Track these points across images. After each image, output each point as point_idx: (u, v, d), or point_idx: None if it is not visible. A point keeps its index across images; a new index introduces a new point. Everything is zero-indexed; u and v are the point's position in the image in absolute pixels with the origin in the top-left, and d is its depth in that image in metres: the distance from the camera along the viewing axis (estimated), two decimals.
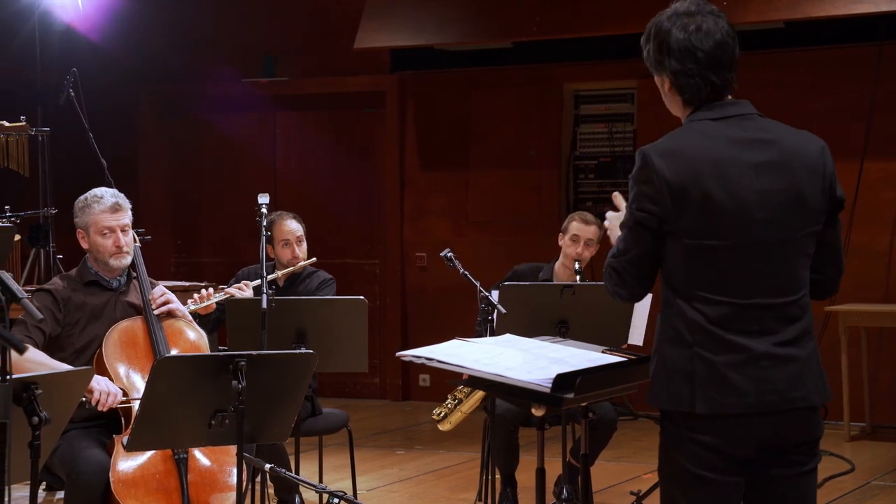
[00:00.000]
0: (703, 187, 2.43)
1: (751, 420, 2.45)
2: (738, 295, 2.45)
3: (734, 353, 2.44)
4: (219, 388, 3.23)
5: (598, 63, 7.94)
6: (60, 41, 8.05)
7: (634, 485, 5.24)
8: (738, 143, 2.48)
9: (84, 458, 3.68)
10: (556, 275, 5.17)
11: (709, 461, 2.46)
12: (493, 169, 8.23)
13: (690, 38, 2.52)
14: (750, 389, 2.43)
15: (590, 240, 5.09)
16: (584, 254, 5.08)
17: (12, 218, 6.06)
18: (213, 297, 4.52)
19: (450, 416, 4.88)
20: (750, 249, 2.46)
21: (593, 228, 5.10)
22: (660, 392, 2.51)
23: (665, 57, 2.55)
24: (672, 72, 2.54)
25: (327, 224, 8.60)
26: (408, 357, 2.86)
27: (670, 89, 2.57)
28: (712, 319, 2.45)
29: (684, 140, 2.49)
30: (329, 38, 8.56)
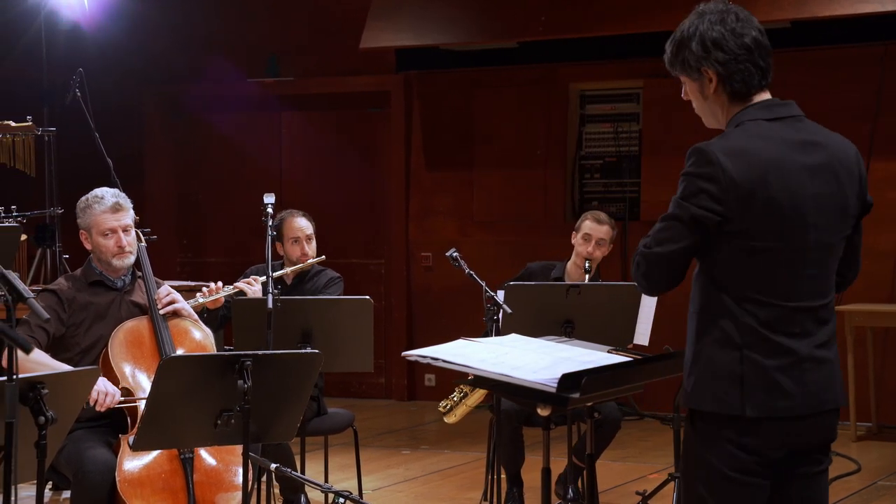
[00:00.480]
0: (767, 189, 2.44)
1: (793, 423, 2.46)
2: (786, 297, 2.46)
3: (782, 355, 2.45)
4: (225, 387, 3.24)
5: (604, 63, 7.94)
6: (66, 41, 8.06)
7: (640, 485, 5.24)
8: (793, 145, 2.49)
9: (90, 458, 3.69)
10: (568, 273, 5.17)
11: (744, 464, 2.46)
12: (498, 169, 8.23)
13: (734, 28, 2.54)
14: (795, 392, 2.45)
15: (601, 239, 5.08)
16: (595, 253, 5.07)
17: (19, 218, 6.07)
18: (223, 290, 4.53)
19: (455, 409, 4.89)
20: (801, 253, 2.47)
21: (606, 228, 5.10)
22: (703, 393, 2.47)
23: (710, 51, 2.53)
24: (720, 62, 2.53)
25: (332, 224, 8.60)
26: (413, 357, 2.86)
27: (717, 85, 2.55)
28: (763, 321, 2.45)
29: (746, 140, 2.47)
30: (334, 38, 8.56)
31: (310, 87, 8.71)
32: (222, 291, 4.52)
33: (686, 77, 2.60)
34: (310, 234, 5.04)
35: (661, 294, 2.63)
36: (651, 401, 7.48)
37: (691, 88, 2.61)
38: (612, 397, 4.00)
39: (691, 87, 2.61)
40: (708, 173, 2.44)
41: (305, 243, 5.00)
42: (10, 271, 2.76)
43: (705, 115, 2.63)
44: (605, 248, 5.11)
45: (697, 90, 2.60)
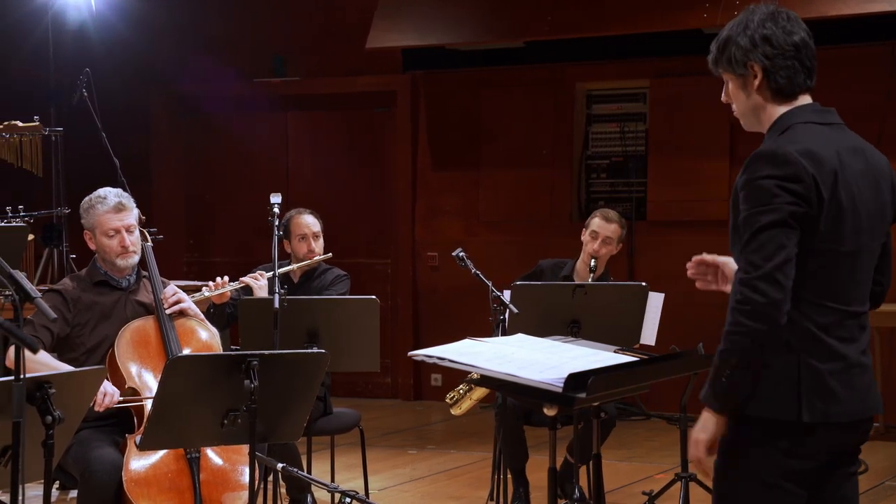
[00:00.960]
0: (836, 192, 2.43)
1: (841, 429, 2.45)
2: (843, 302, 2.46)
3: (836, 360, 2.43)
4: (231, 387, 3.24)
5: (611, 62, 7.93)
6: (73, 41, 8.07)
7: (646, 485, 5.24)
8: (846, 150, 2.50)
9: (97, 458, 3.69)
10: (577, 272, 5.18)
11: (790, 473, 2.44)
12: (504, 168, 8.23)
13: (784, 26, 2.54)
14: (845, 398, 2.44)
15: (608, 237, 5.07)
16: (601, 251, 5.06)
17: (26, 217, 6.08)
18: (228, 285, 4.54)
19: (461, 401, 4.91)
20: (855, 258, 2.47)
21: (614, 227, 5.08)
22: (761, 400, 2.42)
23: (757, 45, 2.53)
24: (767, 56, 2.52)
25: (339, 224, 8.59)
26: (420, 357, 2.86)
27: (762, 81, 2.53)
28: (820, 325, 2.43)
29: (810, 142, 2.45)
30: (340, 38, 8.56)
31: (316, 88, 8.71)
32: (228, 286, 4.53)
33: (730, 74, 2.59)
34: (317, 231, 5.05)
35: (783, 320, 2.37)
36: (657, 401, 7.47)
37: (734, 87, 2.59)
38: (618, 397, 4.00)
39: (734, 86, 2.59)
40: (793, 173, 2.39)
41: (312, 240, 5.01)
42: (18, 271, 2.77)
43: (746, 117, 2.60)
44: (611, 246, 5.09)
45: (740, 88, 2.57)
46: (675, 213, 7.78)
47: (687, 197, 7.74)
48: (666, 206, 7.83)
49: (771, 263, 2.36)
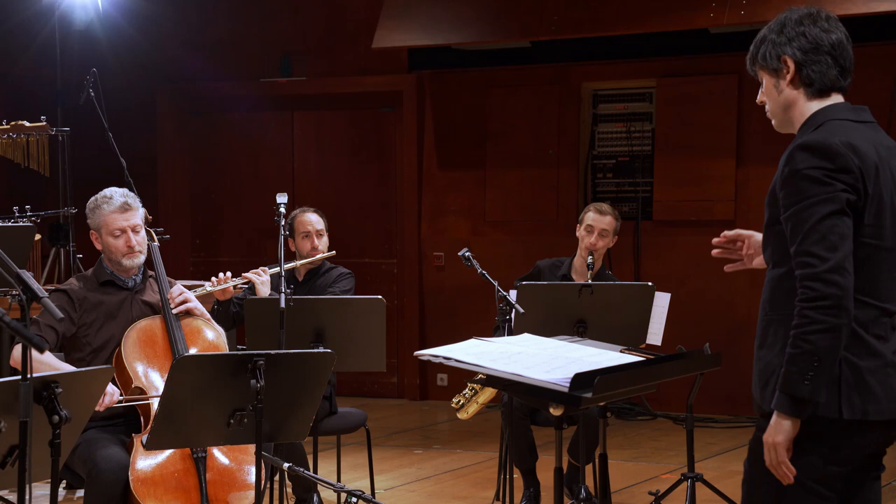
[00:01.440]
0: (878, 187, 2.42)
1: (876, 428, 2.43)
2: (881, 298, 2.44)
3: (874, 358, 2.42)
4: (237, 387, 3.24)
5: (617, 62, 7.92)
6: (80, 42, 8.09)
7: (653, 485, 5.23)
8: (883, 148, 2.49)
9: (103, 457, 3.70)
10: (574, 268, 5.17)
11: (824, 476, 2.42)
12: (511, 168, 8.23)
13: (822, 25, 2.54)
14: (882, 396, 2.42)
15: (604, 230, 5.06)
16: (598, 244, 5.04)
17: (33, 217, 6.09)
18: (231, 280, 4.54)
19: (467, 406, 4.90)
20: (894, 255, 2.46)
21: (608, 219, 5.07)
22: None
23: (792, 39, 2.53)
24: (801, 50, 2.52)
25: (345, 223, 8.61)
26: (426, 356, 2.86)
27: (794, 75, 2.53)
28: (860, 322, 2.41)
29: (849, 136, 2.43)
30: (347, 38, 8.57)
31: (322, 87, 8.71)
32: (230, 281, 4.54)
33: (763, 71, 2.58)
34: (320, 228, 5.07)
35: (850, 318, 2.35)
36: (664, 401, 7.46)
37: (767, 84, 2.58)
38: (624, 397, 3.99)
39: (767, 83, 2.58)
40: (842, 164, 2.37)
41: (315, 237, 5.03)
42: (25, 271, 2.77)
43: (777, 115, 2.59)
44: (608, 239, 5.08)
45: (773, 85, 2.57)
46: (681, 213, 7.77)
47: (693, 197, 7.73)
48: (672, 205, 7.82)
49: (839, 254, 2.33)
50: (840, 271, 2.32)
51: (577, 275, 5.14)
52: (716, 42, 7.46)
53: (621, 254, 7.90)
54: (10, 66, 8.44)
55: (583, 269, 5.09)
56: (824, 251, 2.33)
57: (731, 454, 6.39)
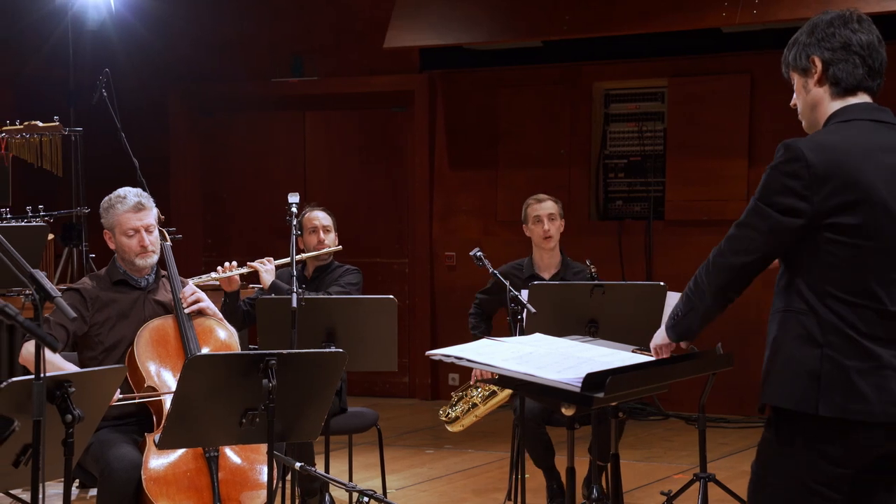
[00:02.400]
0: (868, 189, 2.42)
1: (871, 431, 2.42)
2: (877, 301, 2.44)
3: (865, 359, 2.41)
4: (249, 386, 3.25)
5: (629, 62, 7.91)
6: (93, 42, 8.11)
7: (665, 485, 5.22)
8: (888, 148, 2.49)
9: (116, 456, 3.71)
10: (537, 264, 5.23)
11: (825, 476, 2.42)
12: (522, 168, 8.22)
13: (853, 27, 2.55)
14: (873, 398, 2.41)
15: (551, 214, 5.17)
16: (552, 228, 5.14)
17: (46, 217, 6.11)
18: (236, 269, 4.56)
19: (462, 418, 4.91)
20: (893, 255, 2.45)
21: (550, 203, 5.21)
22: (781, 390, 2.46)
23: (821, 40, 2.55)
24: (829, 49, 2.54)
25: (356, 223, 8.62)
26: (437, 356, 2.86)
27: (822, 75, 2.54)
28: (848, 322, 2.42)
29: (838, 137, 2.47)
30: (358, 38, 8.58)
31: (334, 87, 8.72)
32: (235, 270, 4.56)
33: (795, 73, 2.61)
34: (327, 224, 5.14)
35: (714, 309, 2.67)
36: (676, 401, 7.45)
37: (797, 85, 2.61)
38: (636, 397, 3.99)
39: (797, 84, 2.61)
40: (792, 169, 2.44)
41: (322, 232, 5.11)
42: (38, 270, 2.78)
43: (806, 115, 2.61)
44: (557, 221, 5.19)
45: (802, 85, 2.59)
46: (693, 213, 7.76)
47: (705, 196, 7.71)
48: (684, 205, 7.80)
49: (734, 259, 2.52)
50: (727, 272, 2.52)
51: (542, 271, 5.20)
52: (728, 41, 7.44)
53: (633, 253, 7.89)
54: (23, 66, 8.47)
55: (545, 263, 5.18)
56: (732, 249, 2.53)
57: (743, 454, 6.37)
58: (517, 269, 5.22)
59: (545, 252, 5.17)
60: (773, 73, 2.70)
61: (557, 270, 5.18)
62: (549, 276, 5.18)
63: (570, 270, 5.19)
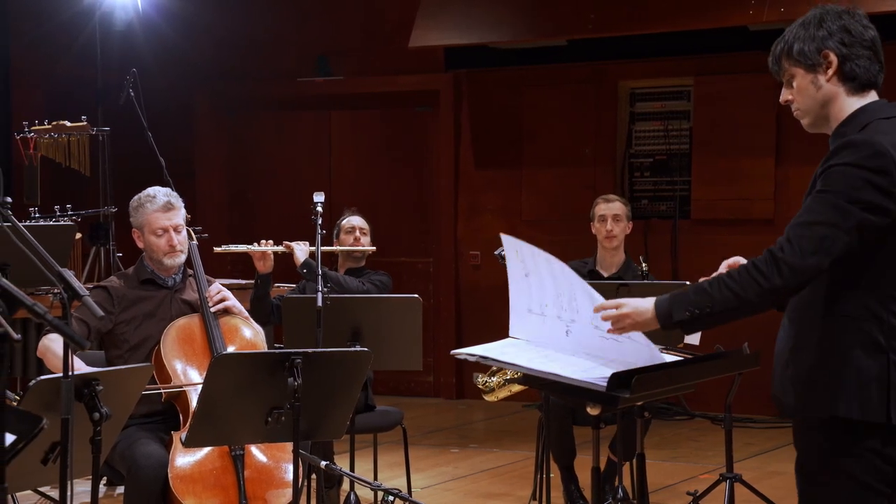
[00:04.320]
0: None
1: None
2: None
3: None
4: (275, 385, 3.26)
5: (654, 60, 7.88)
6: (120, 42, 8.16)
7: (691, 485, 5.20)
8: None
9: (143, 454, 3.73)
10: (600, 262, 5.26)
11: (886, 475, 2.39)
12: (547, 167, 8.21)
13: (860, 21, 2.50)
14: None
15: (617, 215, 5.21)
16: (615, 229, 5.19)
17: (73, 216, 6.15)
18: (271, 246, 4.60)
19: (497, 391, 4.92)
20: None
21: (617, 204, 5.25)
22: (846, 400, 2.38)
23: (834, 33, 2.47)
24: (845, 44, 2.46)
25: (381, 223, 8.60)
26: (463, 355, 2.86)
27: (836, 71, 2.47)
28: None
29: (893, 137, 2.39)
30: (383, 38, 8.59)
31: (359, 87, 8.74)
32: (270, 247, 4.60)
33: (798, 68, 2.50)
34: (364, 228, 5.25)
35: None
36: (702, 400, 7.41)
37: (802, 81, 2.50)
38: (662, 397, 3.97)
39: (802, 80, 2.50)
40: (879, 166, 2.34)
41: (360, 233, 5.22)
42: (66, 269, 2.80)
43: (811, 113, 2.52)
44: (623, 223, 5.23)
45: (810, 81, 2.49)
46: (719, 212, 7.72)
47: (731, 195, 7.67)
48: (710, 204, 7.76)
49: (810, 260, 2.35)
50: (797, 274, 2.35)
51: (603, 269, 5.21)
52: (755, 39, 7.38)
53: (659, 253, 7.86)
54: (52, 66, 8.53)
55: (607, 262, 5.22)
56: (805, 248, 2.35)
57: (770, 454, 6.33)
58: (582, 264, 5.25)
59: (608, 251, 5.22)
60: None
61: (617, 270, 5.22)
62: (609, 274, 5.21)
63: (631, 272, 5.22)
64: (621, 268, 5.22)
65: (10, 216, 3.08)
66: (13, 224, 3.08)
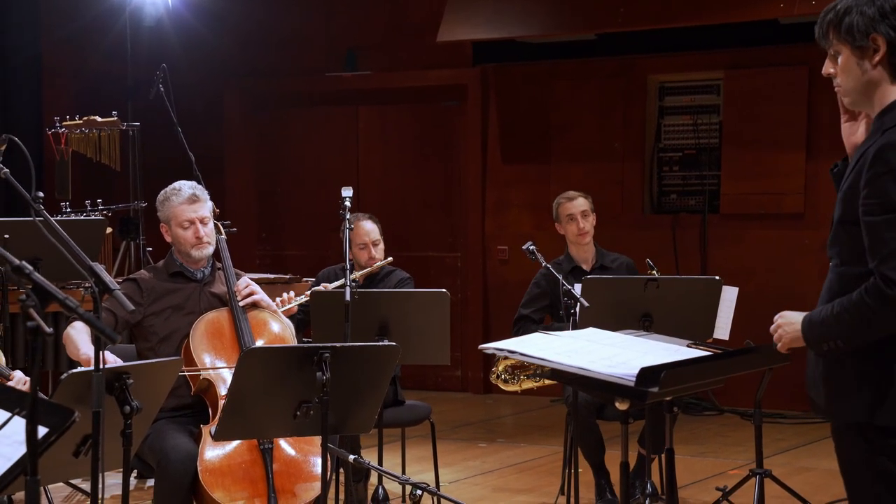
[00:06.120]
0: None
1: None
2: None
3: None
4: (304, 379, 3.27)
5: (684, 54, 7.83)
6: (150, 38, 8.21)
7: (720, 480, 5.18)
8: None
9: (173, 447, 3.75)
10: (576, 258, 5.27)
11: None
12: (575, 162, 8.18)
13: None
14: None
15: (584, 211, 5.23)
16: (587, 226, 5.21)
17: (104, 211, 6.20)
18: (295, 300, 4.55)
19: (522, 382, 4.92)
20: None
21: (581, 200, 5.25)
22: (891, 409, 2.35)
23: (886, 16, 2.37)
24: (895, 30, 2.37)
25: (409, 217, 8.64)
26: (490, 350, 2.86)
27: (884, 56, 2.38)
28: None
29: None
30: (411, 32, 8.59)
31: (387, 82, 8.74)
32: (294, 301, 4.52)
33: (845, 45, 2.42)
34: (376, 238, 5.07)
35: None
36: (732, 395, 7.37)
37: (847, 61, 2.42)
38: (691, 392, 3.96)
39: (847, 59, 2.42)
40: None
41: (372, 248, 5.04)
42: (97, 263, 2.82)
43: (854, 93, 2.44)
44: (591, 217, 5.25)
45: (855, 63, 2.41)
46: (749, 207, 7.67)
47: (761, 190, 7.62)
48: (740, 199, 7.72)
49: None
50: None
51: (582, 264, 5.24)
52: (786, 33, 7.33)
53: (687, 248, 7.82)
54: (83, 62, 8.60)
55: (583, 257, 5.24)
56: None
57: (800, 450, 6.29)
58: (557, 266, 5.20)
59: (581, 247, 5.24)
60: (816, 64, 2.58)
61: (595, 261, 5.24)
62: (590, 267, 5.21)
63: (607, 259, 5.25)
64: (597, 258, 5.27)
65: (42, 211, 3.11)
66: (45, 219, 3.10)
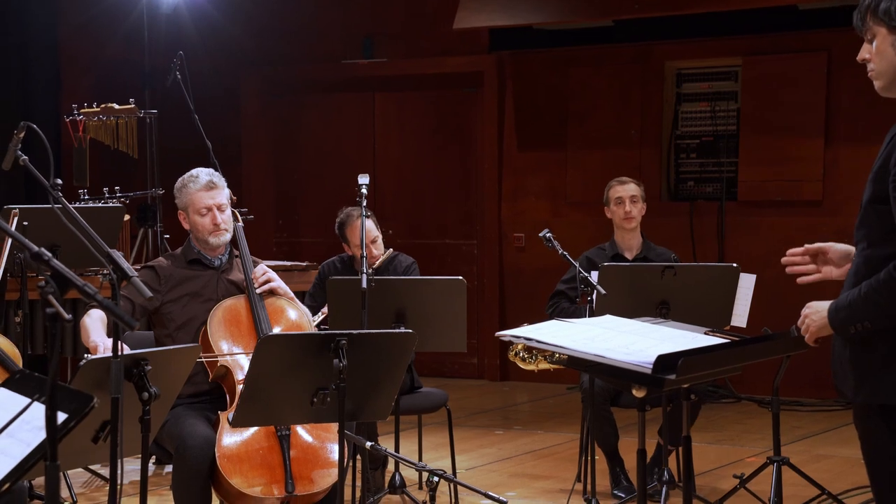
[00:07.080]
0: None
1: None
2: None
3: None
4: (321, 366, 3.28)
5: (701, 40, 7.79)
6: (167, 26, 8.22)
7: (737, 468, 5.17)
8: None
9: (190, 434, 3.77)
10: (620, 245, 5.21)
11: None
12: (592, 149, 8.16)
13: None
14: None
15: (633, 196, 5.18)
16: (633, 211, 5.15)
17: (122, 198, 6.23)
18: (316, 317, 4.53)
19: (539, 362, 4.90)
20: None
21: (631, 185, 5.20)
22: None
23: None
24: None
25: (425, 204, 8.63)
26: (507, 337, 2.86)
27: None
28: None
29: None
30: (427, 20, 8.57)
31: (403, 69, 8.74)
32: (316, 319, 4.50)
33: (882, 27, 2.41)
34: (375, 236, 4.98)
35: None
36: (749, 383, 7.36)
37: (883, 42, 2.41)
38: (708, 379, 3.95)
39: (884, 41, 2.41)
40: None
41: (372, 247, 4.94)
42: (115, 250, 2.84)
43: (885, 77, 2.44)
44: (639, 203, 5.19)
45: (890, 44, 2.40)
46: (766, 194, 7.64)
47: (779, 177, 7.58)
48: (757, 186, 7.68)
49: None
50: None
51: (626, 252, 5.19)
52: (804, 18, 7.28)
53: (705, 235, 7.80)
54: (100, 50, 8.62)
55: (627, 245, 5.18)
56: None
57: (817, 438, 6.27)
58: (601, 251, 5.21)
59: (626, 233, 5.18)
60: (852, 51, 2.58)
61: (639, 251, 5.18)
62: (632, 256, 5.18)
63: (653, 252, 5.19)
64: (642, 249, 5.20)
65: (60, 198, 3.12)
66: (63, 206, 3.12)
